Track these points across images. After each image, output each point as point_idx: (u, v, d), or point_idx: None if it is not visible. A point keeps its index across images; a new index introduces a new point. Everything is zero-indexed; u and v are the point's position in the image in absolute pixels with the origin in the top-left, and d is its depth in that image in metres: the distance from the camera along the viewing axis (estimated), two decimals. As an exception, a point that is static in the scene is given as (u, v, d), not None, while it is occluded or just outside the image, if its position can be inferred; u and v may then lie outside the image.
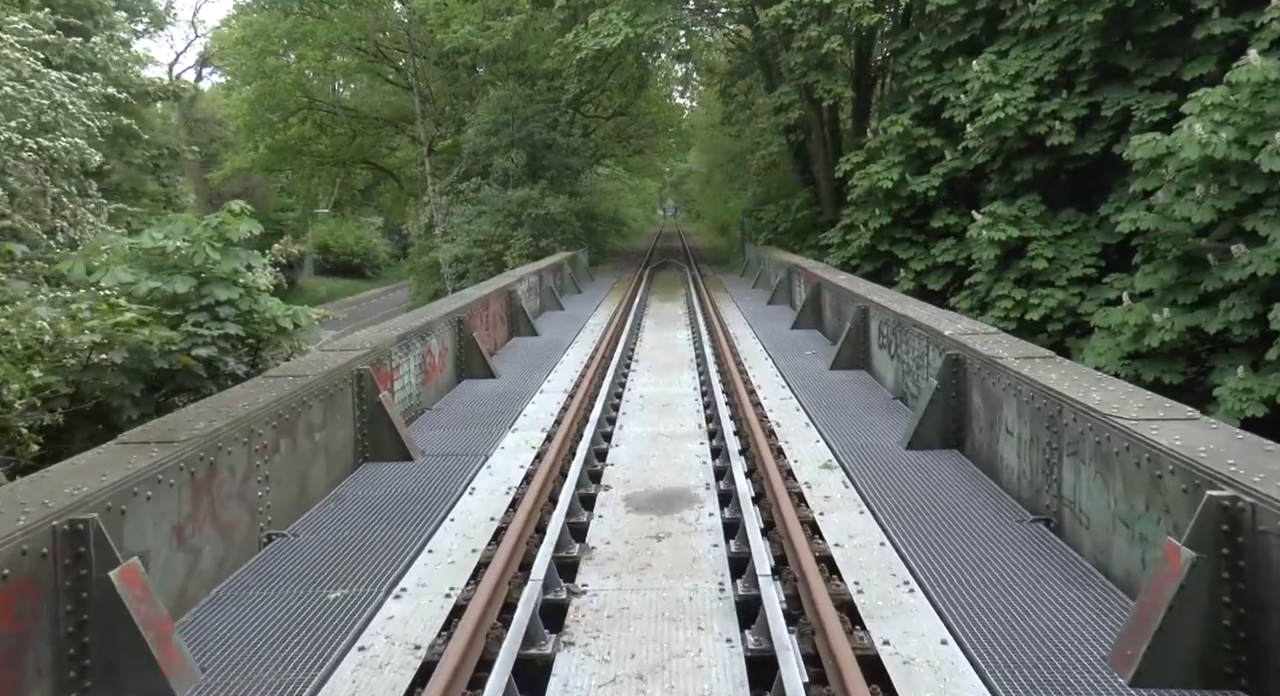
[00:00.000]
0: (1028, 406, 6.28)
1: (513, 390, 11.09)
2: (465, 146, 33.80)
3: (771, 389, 10.82)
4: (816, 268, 17.52)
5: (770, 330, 15.73)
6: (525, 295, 17.44)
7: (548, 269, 21.25)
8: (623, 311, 18.72)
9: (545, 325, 17.30)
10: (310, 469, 6.84)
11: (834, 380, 11.07)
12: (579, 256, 28.20)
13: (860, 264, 23.40)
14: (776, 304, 19.75)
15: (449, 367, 11.39)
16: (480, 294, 13.97)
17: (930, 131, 21.79)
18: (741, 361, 12.75)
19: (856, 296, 12.23)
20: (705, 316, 17.58)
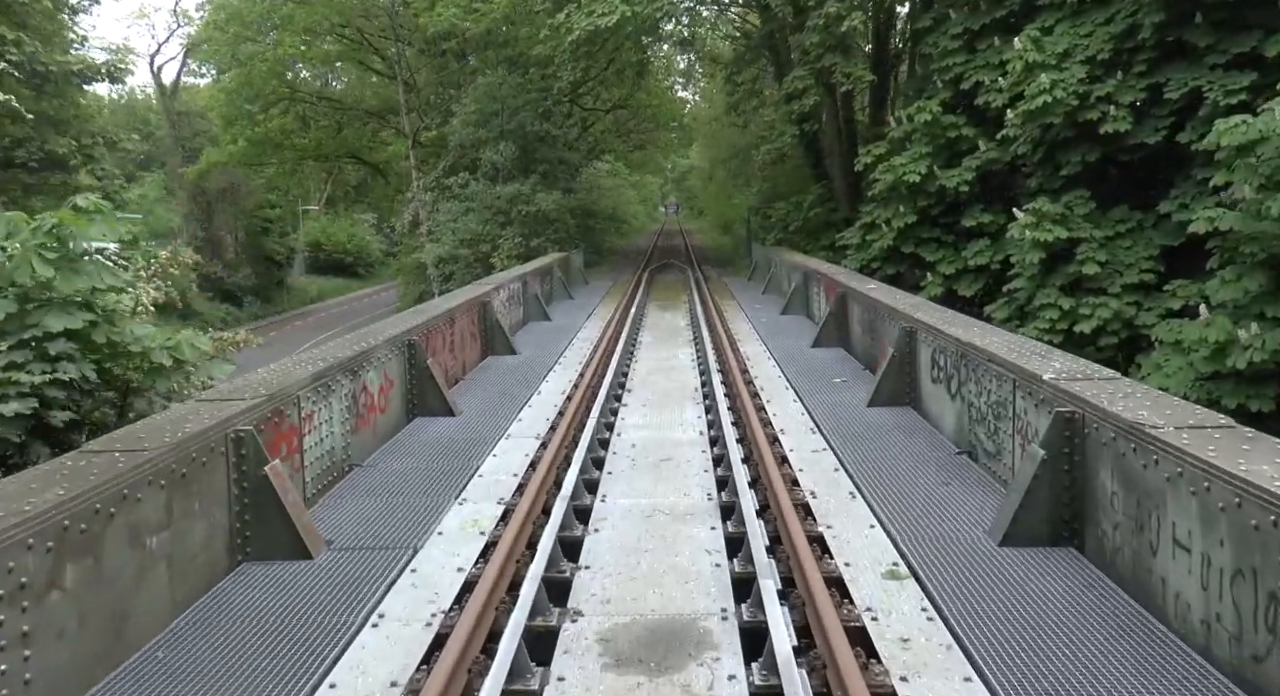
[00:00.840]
0: (1222, 515, 4.04)
1: (473, 434, 8.85)
2: (451, 139, 31.52)
3: (799, 435, 8.58)
4: (838, 274, 15.28)
5: (788, 348, 13.49)
6: (504, 306, 15.21)
7: (534, 273, 19.01)
8: (617, 323, 16.49)
9: (527, 341, 15.07)
10: (134, 598, 4.59)
11: (876, 423, 8.82)
12: (572, 258, 25.97)
13: (881, 267, 21.13)
14: (791, 314, 17.50)
15: (396, 404, 9.16)
16: (445, 307, 11.72)
17: (961, 120, 19.53)
18: (757, 391, 10.52)
19: (898, 314, 9.98)
20: (711, 329, 15.35)
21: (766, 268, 25.31)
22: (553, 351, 13.87)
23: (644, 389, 10.98)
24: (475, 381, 11.60)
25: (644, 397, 10.50)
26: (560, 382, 11.42)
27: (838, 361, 12.36)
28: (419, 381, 9.58)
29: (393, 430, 8.88)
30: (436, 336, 10.77)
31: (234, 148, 39.31)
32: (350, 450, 7.71)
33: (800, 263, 18.59)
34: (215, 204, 56.95)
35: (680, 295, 22.40)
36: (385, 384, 8.77)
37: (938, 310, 9.85)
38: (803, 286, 17.46)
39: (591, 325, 16.96)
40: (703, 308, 18.56)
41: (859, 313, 12.39)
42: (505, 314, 15.40)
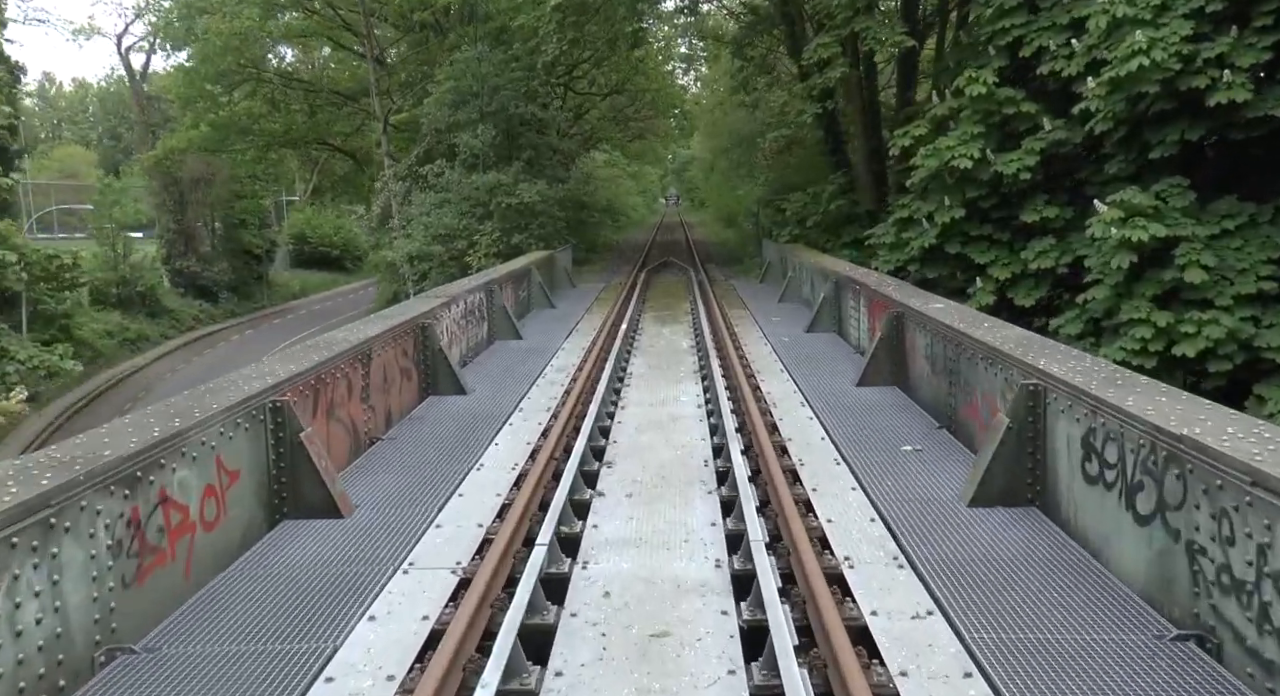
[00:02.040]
0: None
1: (361, 565, 5.55)
2: (424, 121, 28.15)
3: (874, 564, 5.29)
4: (886, 285, 11.96)
5: (825, 388, 10.17)
6: (457, 326, 11.91)
7: (505, 279, 15.70)
8: (604, 343, 13.21)
9: (485, 372, 11.78)
10: None
11: (990, 539, 5.55)
12: (557, 258, 22.63)
13: (920, 270, 17.82)
14: (819, 331, 14.19)
15: (247, 506, 5.88)
16: (358, 338, 8.41)
17: (1019, 93, 16.21)
18: (795, 466, 7.26)
19: (1007, 359, 6.68)
20: (720, 353, 12.07)
21: (781, 269, 21.96)
22: (515, 389, 10.56)
23: (631, 462, 7.66)
24: (393, 447, 8.29)
25: (630, 481, 7.18)
26: (513, 447, 8.12)
27: (897, 411, 9.06)
28: (293, 464, 6.30)
29: (236, 548, 5.59)
30: (332, 387, 7.48)
31: (195, 132, 35.87)
32: (118, 626, 4.42)
33: (829, 267, 15.26)
34: (188, 194, 53.69)
35: (681, 303, 19.07)
36: (213, 489, 5.47)
37: (1071, 356, 6.54)
38: (833, 298, 14.14)
39: (572, 346, 13.67)
40: (709, 321, 15.27)
41: (926, 344, 9.08)
42: (459, 335, 12.11)
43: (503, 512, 6.40)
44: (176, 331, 48.63)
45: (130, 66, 52.52)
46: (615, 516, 6.31)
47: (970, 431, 7.58)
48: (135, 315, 45.96)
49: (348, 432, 7.78)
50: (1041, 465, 6.02)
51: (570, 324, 16.00)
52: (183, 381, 35.12)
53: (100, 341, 41.23)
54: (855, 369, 10.90)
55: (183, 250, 54.26)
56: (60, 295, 37.59)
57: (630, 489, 6.91)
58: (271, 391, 6.32)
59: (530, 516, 6.23)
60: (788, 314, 16.61)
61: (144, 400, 33.16)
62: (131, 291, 46.09)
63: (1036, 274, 16.02)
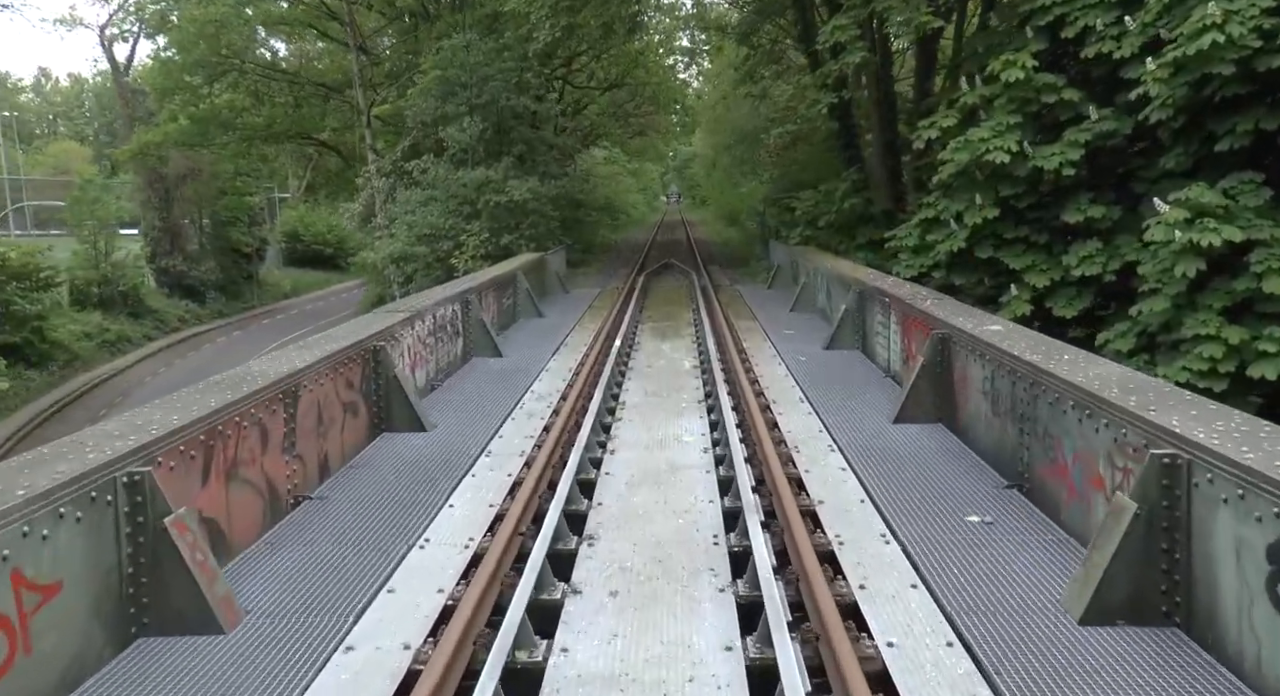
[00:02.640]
0: None
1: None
2: (409, 114, 26.42)
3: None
4: (921, 297, 10.23)
5: (856, 425, 8.46)
6: (420, 347, 10.21)
7: (485, 288, 14.00)
8: (595, 362, 11.52)
9: (453, 398, 10.09)
10: None
11: (1115, 681, 3.87)
12: (548, 260, 20.89)
13: (946, 275, 16.14)
14: (840, 348, 12.48)
15: (75, 629, 4.20)
16: (280, 371, 6.71)
17: (1060, 80, 14.50)
18: (834, 546, 5.58)
19: (1113, 410, 4.99)
20: (729, 377, 10.40)
21: (791, 273, 20.27)
22: (485, 424, 8.86)
23: (619, 537, 5.95)
24: (321, 511, 6.59)
25: (616, 568, 5.46)
26: (471, 512, 6.42)
27: (948, 459, 7.36)
28: (151, 564, 4.60)
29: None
30: (237, 440, 5.79)
31: (173, 126, 34.12)
32: None
33: (849, 275, 13.55)
34: (174, 191, 52.04)
35: (683, 312, 17.35)
36: (12, 610, 3.78)
37: (1209, 410, 4.83)
38: (856, 310, 12.43)
39: (559, 366, 11.96)
40: (714, 334, 13.57)
41: (984, 377, 7.38)
42: (426, 356, 10.41)
43: (442, 621, 4.70)
44: (160, 332, 47.02)
45: (114, 58, 50.75)
46: (593, 632, 4.60)
47: (1054, 498, 5.89)
48: (117, 316, 44.36)
49: (260, 496, 6.09)
50: (1186, 571, 4.32)
51: (559, 337, 14.29)
52: (163, 385, 33.43)
53: (77, 343, 39.57)
54: (889, 399, 9.21)
55: (168, 248, 52.64)
56: (33, 296, 35.97)
57: (616, 582, 5.20)
58: (129, 459, 4.62)
59: (476, 634, 4.53)
60: (802, 326, 14.90)
61: (121, 405, 31.53)
62: (113, 291, 44.47)
63: (1079, 281, 14.33)
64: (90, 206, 43.57)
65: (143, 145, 33.84)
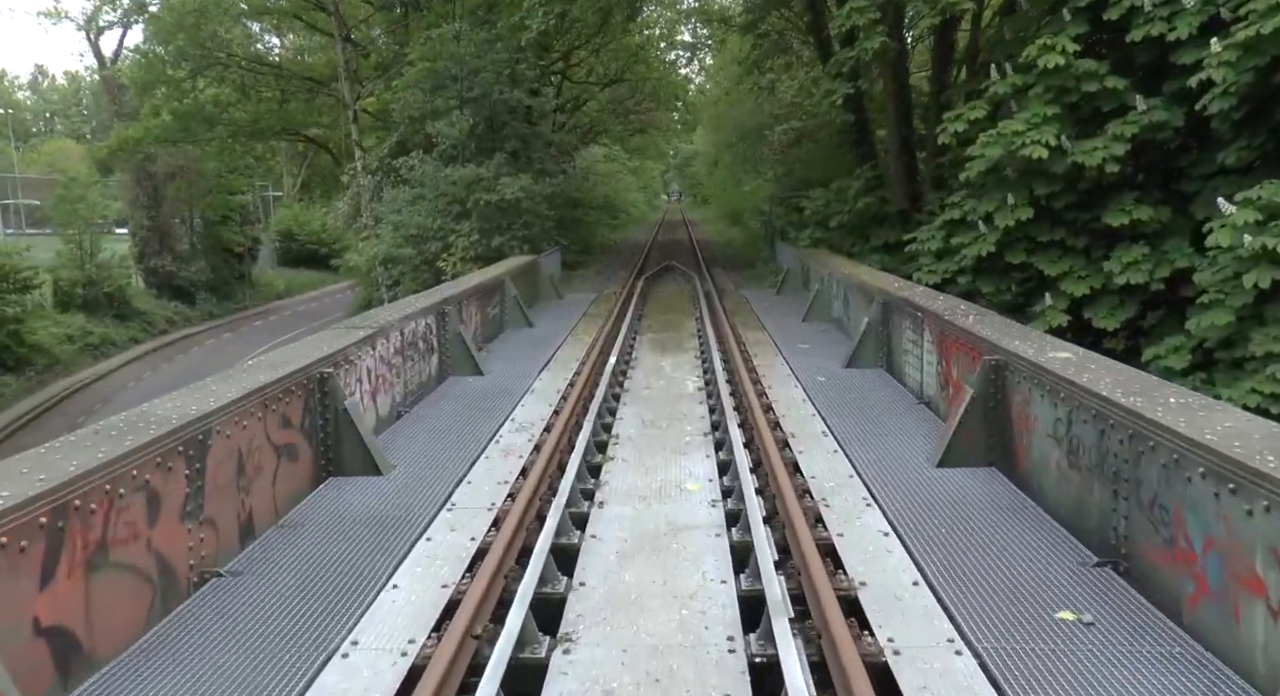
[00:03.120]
0: None
1: None
2: (395, 108, 25.04)
3: None
4: (960, 311, 8.83)
5: (896, 471, 7.06)
6: (384, 369, 8.83)
7: (466, 296, 12.61)
8: (584, 387, 10.13)
9: (420, 430, 8.70)
10: None
11: None
12: (541, 264, 19.49)
13: (973, 283, 14.79)
14: (862, 367, 11.08)
15: None
16: (188, 413, 5.35)
17: (1103, 67, 13.13)
18: (887, 655, 4.21)
19: (1270, 484, 3.65)
20: (742, 406, 9.04)
21: (802, 277, 18.87)
22: (454, 464, 7.48)
23: (604, 641, 4.58)
24: (234, 588, 5.23)
25: (600, 689, 4.12)
26: (425, 585, 5.05)
27: (1014, 518, 5.98)
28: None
29: None
30: (110, 511, 4.43)
31: (155, 122, 32.72)
32: None
33: (871, 283, 12.15)
34: (163, 189, 50.72)
35: (685, 321, 15.95)
36: None
37: None
38: (880, 324, 11.04)
39: (545, 387, 10.57)
40: (720, 348, 12.19)
41: (1055, 418, 6.00)
42: (391, 379, 9.04)
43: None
44: (148, 335, 45.68)
45: (99, 51, 49.38)
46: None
47: (1171, 590, 4.52)
48: (102, 318, 43.05)
49: (146, 581, 4.73)
50: None
51: (548, 351, 12.90)
52: (147, 390, 32.14)
53: (58, 347, 38.21)
54: (927, 434, 7.84)
55: (157, 248, 51.30)
56: (10, 298, 34.65)
57: None
58: None
59: None
60: (817, 339, 13.50)
61: (100, 412, 30.20)
62: (99, 292, 43.15)
63: (1122, 290, 12.98)
64: (74, 205, 42.28)
65: (122, 142, 32.45)
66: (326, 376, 7.16)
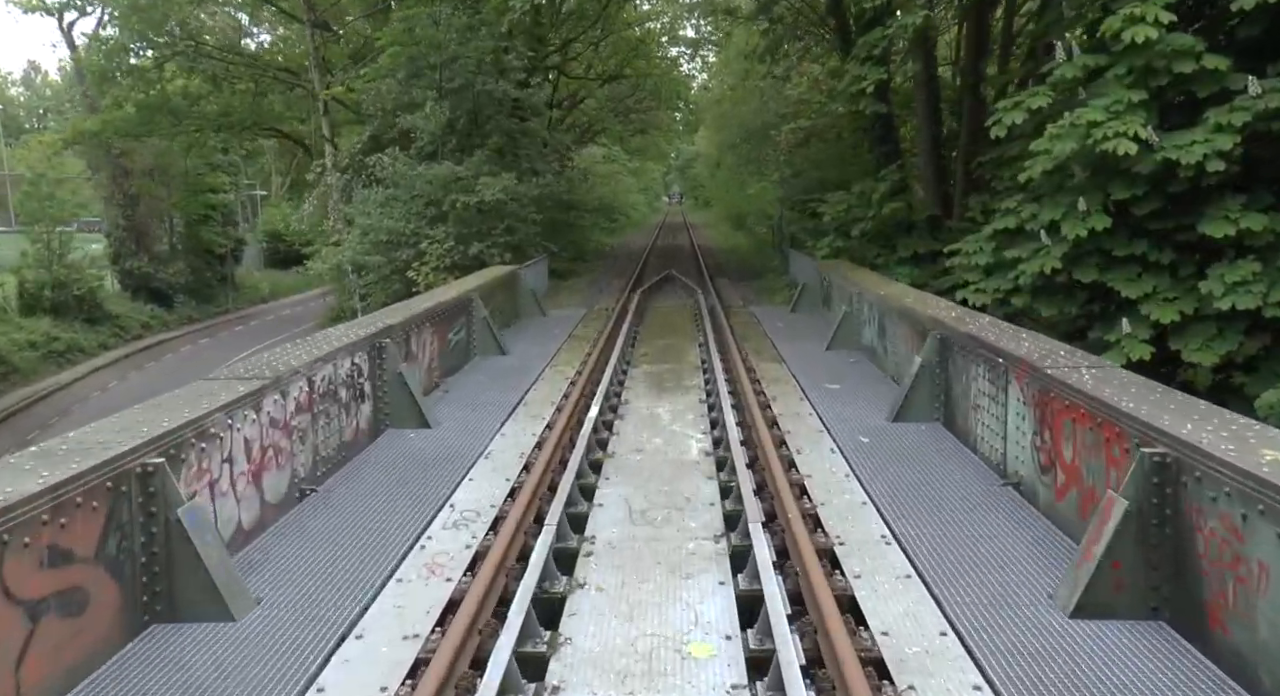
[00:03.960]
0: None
1: None
2: (364, 98, 22.64)
3: None
4: (1069, 365, 6.37)
5: (1008, 618, 4.66)
6: (267, 442, 6.36)
7: (418, 323, 10.17)
8: (557, 448, 7.73)
9: (318, 525, 6.22)
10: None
11: None
12: (522, 276, 17.02)
13: (1031, 306, 12.40)
14: (915, 419, 8.61)
15: None
16: None
17: (1200, 43, 10.75)
18: None
19: None
20: (765, 491, 6.64)
21: (821, 294, 16.44)
22: (344, 602, 5.06)
23: None
24: None
25: None
26: None
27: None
28: None
29: None
30: None
31: (117, 114, 30.30)
32: None
33: (918, 310, 9.71)
34: (140, 186, 48.36)
35: (687, 348, 13.47)
36: None
37: None
38: (936, 367, 8.59)
39: (503, 450, 8.13)
40: (731, 389, 9.79)
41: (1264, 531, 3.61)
42: (277, 457, 6.57)
43: None
44: (120, 340, 43.27)
45: (72, 40, 46.94)
46: None
47: None
48: (71, 322, 40.71)
49: None
50: None
51: (519, 390, 10.48)
52: (111, 400, 29.78)
53: (18, 354, 35.78)
54: (1039, 544, 5.44)
55: (133, 248, 48.94)
56: (-37, 301, 32.30)
57: None
58: None
59: None
60: (847, 374, 11.06)
61: (57, 426, 27.82)
62: (68, 295, 40.77)
63: (1221, 316, 10.59)
64: (42, 203, 39.94)
65: (77, 134, 30.01)
66: (150, 473, 4.74)
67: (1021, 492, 6.54)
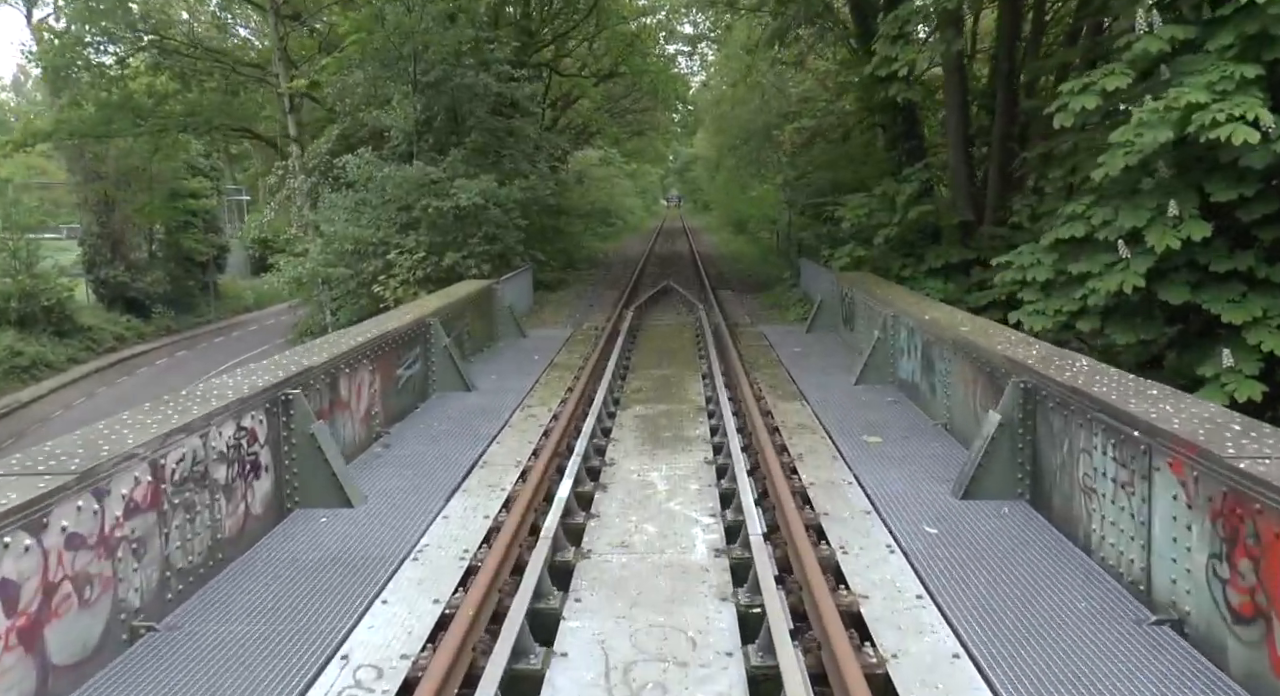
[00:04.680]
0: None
1: None
2: (328, 92, 20.53)
3: None
4: (1252, 445, 4.31)
5: None
6: (74, 569, 4.20)
7: (350, 362, 8.02)
8: (507, 556, 5.60)
9: (166, 669, 4.17)
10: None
11: None
12: (497, 293, 14.80)
13: (1104, 332, 10.30)
14: (992, 494, 6.46)
15: None
16: None
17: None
18: None
19: None
20: (802, 615, 4.51)
21: (842, 313, 14.31)
22: None
23: None
24: None
25: None
26: None
27: None
28: None
29: None
30: None
31: (73, 114, 28.16)
32: None
33: (982, 347, 7.54)
34: (115, 191, 46.26)
35: (689, 384, 11.27)
36: None
37: None
38: (1019, 426, 6.45)
39: (444, 545, 5.98)
40: (744, 443, 7.69)
41: None
42: (99, 584, 4.42)
43: None
44: (92, 353, 41.11)
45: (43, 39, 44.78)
46: None
47: None
48: (38, 335, 38.61)
49: None
50: None
51: (479, 444, 8.34)
52: (75, 419, 27.71)
53: (-24, 369, 33.72)
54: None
55: (108, 256, 46.87)
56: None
57: None
58: None
59: None
60: (889, 422, 8.88)
61: (10, 448, 25.74)
62: (35, 306, 38.65)
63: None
64: (7, 209, 37.85)
65: (27, 135, 27.86)
66: None
67: (1189, 638, 4.42)
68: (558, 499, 6.35)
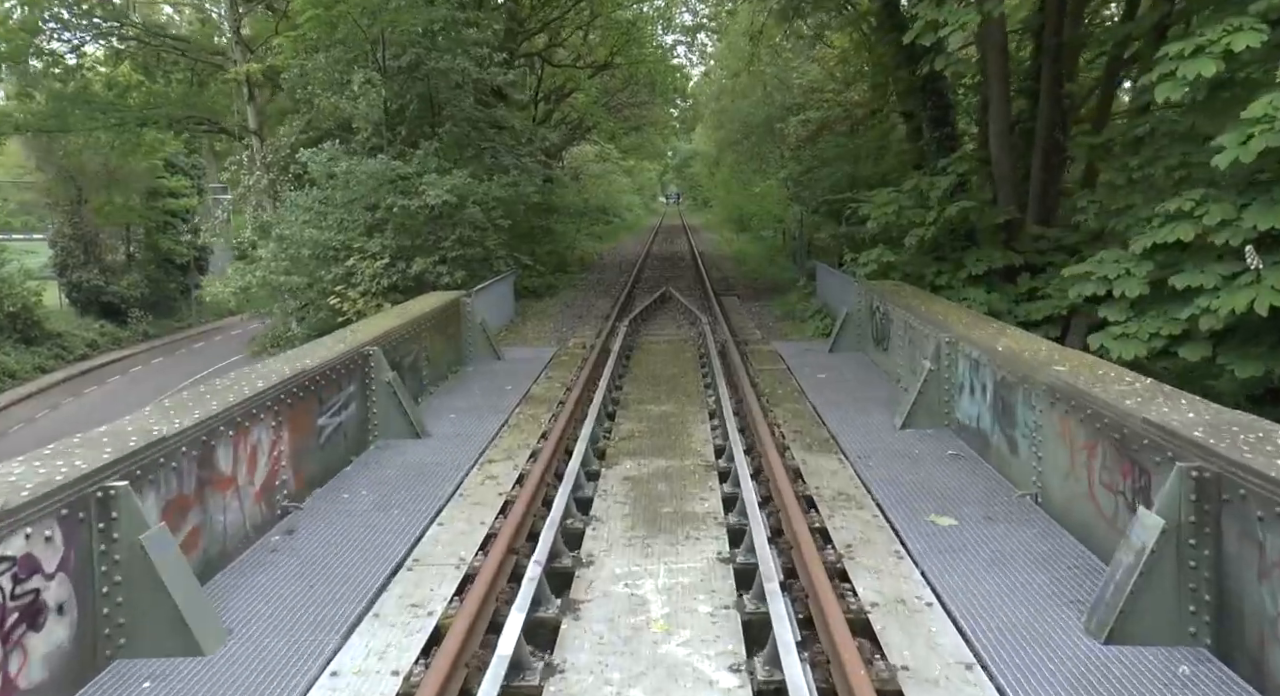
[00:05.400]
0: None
1: None
2: (284, 77, 18.37)
3: None
4: None
5: None
6: None
7: (246, 415, 5.90)
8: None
9: None
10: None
11: None
12: (465, 307, 12.55)
13: (1213, 357, 8.19)
14: (1148, 640, 4.34)
15: None
16: None
17: None
18: None
19: None
20: None
21: (872, 330, 12.15)
22: None
23: None
24: None
25: None
26: None
27: None
28: None
29: None
30: None
31: (17, 106, 26.07)
32: None
33: (1102, 401, 5.39)
34: (88, 191, 44.23)
35: (693, 429, 9.02)
36: None
37: None
38: (1192, 535, 4.33)
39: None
40: (773, 534, 5.57)
41: None
42: None
43: None
44: (61, 361, 39.15)
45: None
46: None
47: None
48: (1, 342, 36.71)
49: None
50: None
51: (414, 526, 6.19)
52: (33, 436, 25.62)
53: (-68, 380, 31.76)
54: None
55: (82, 258, 44.90)
56: None
57: None
58: None
59: None
60: (961, 493, 6.72)
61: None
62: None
63: None
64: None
65: (-29, 131, 25.75)
66: None
67: None
68: (497, 655, 4.20)
